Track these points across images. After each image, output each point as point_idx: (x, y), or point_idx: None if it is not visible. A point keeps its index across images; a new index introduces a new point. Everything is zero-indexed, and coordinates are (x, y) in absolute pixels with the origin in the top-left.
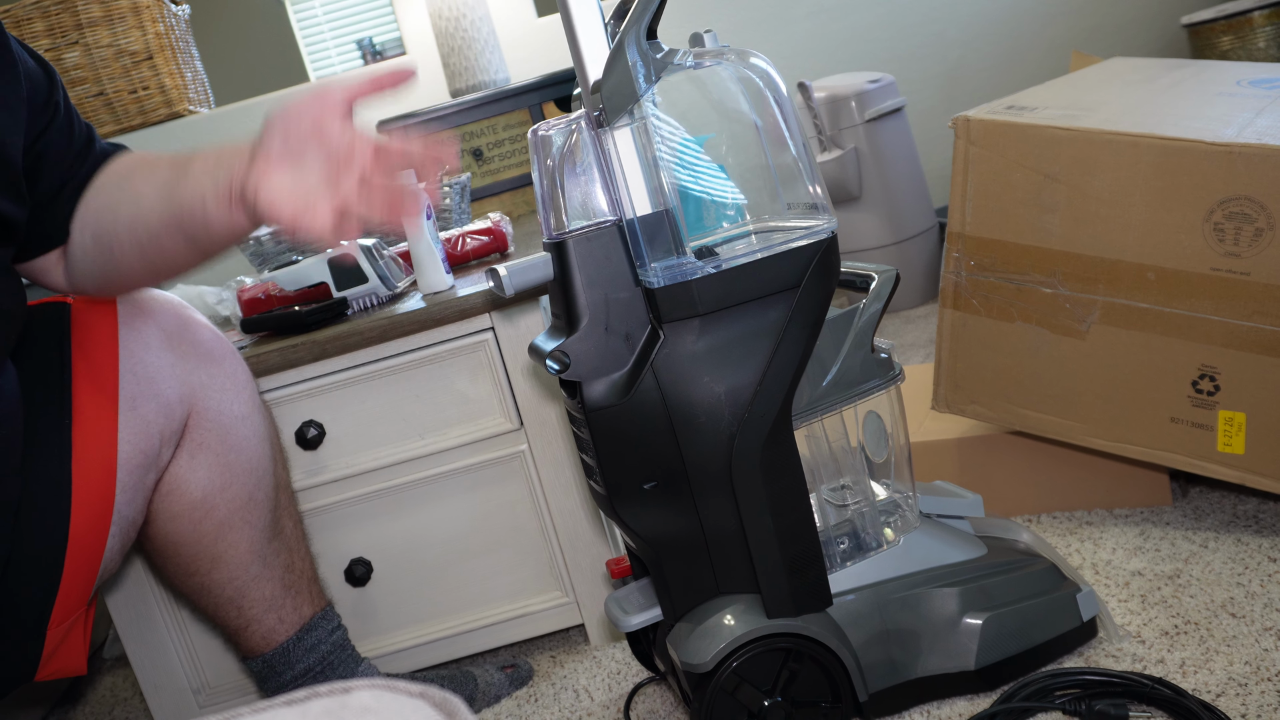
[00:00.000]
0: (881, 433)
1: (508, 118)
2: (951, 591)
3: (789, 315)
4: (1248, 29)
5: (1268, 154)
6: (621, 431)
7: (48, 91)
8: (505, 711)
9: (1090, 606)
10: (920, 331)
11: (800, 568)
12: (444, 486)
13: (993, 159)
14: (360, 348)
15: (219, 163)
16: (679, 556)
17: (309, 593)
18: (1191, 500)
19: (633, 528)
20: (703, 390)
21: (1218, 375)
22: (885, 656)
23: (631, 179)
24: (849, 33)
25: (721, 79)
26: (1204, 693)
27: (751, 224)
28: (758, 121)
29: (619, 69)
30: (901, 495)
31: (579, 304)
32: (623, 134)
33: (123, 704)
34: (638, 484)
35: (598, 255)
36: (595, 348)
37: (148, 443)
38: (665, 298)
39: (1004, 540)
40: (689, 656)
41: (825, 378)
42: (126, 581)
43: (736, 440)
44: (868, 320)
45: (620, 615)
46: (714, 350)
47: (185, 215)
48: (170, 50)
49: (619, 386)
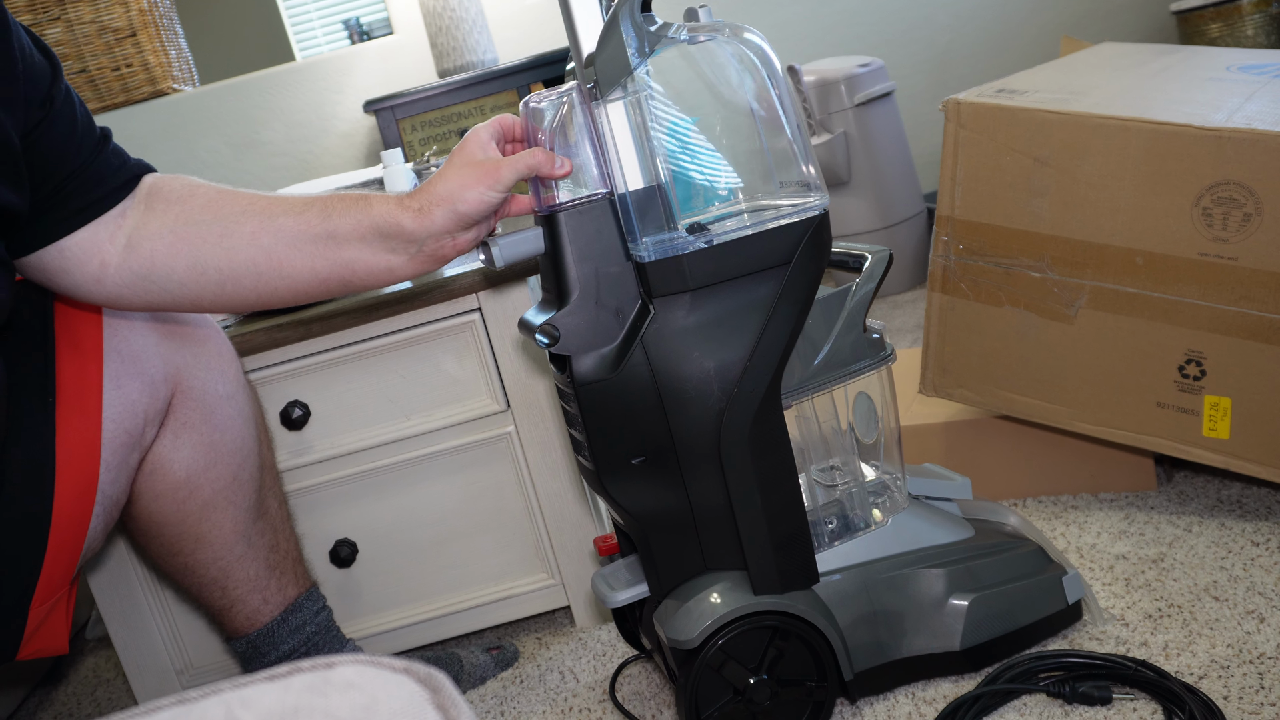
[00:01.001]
0: (872, 414)
1: (496, 99)
2: (938, 572)
3: (779, 292)
4: (1236, 16)
5: (1257, 139)
6: (610, 406)
7: (49, 83)
8: (491, 693)
9: (1076, 589)
10: (908, 316)
11: (787, 545)
12: (430, 468)
13: (983, 142)
14: (346, 327)
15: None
16: (666, 532)
17: (294, 573)
18: (1176, 485)
19: (620, 503)
20: (692, 366)
21: (1204, 360)
22: (871, 636)
23: (624, 153)
24: (839, 16)
25: (715, 54)
26: (1187, 675)
27: (744, 202)
28: (751, 98)
29: (613, 42)
30: (891, 477)
31: (570, 278)
32: (615, 108)
33: (105, 684)
34: (626, 459)
35: (589, 229)
36: (585, 322)
37: (132, 422)
38: (656, 272)
39: (991, 523)
40: (675, 633)
41: (817, 356)
42: (109, 561)
43: (725, 416)
44: (860, 300)
45: (606, 591)
46: (704, 326)
47: (369, 234)
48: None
49: (608, 361)
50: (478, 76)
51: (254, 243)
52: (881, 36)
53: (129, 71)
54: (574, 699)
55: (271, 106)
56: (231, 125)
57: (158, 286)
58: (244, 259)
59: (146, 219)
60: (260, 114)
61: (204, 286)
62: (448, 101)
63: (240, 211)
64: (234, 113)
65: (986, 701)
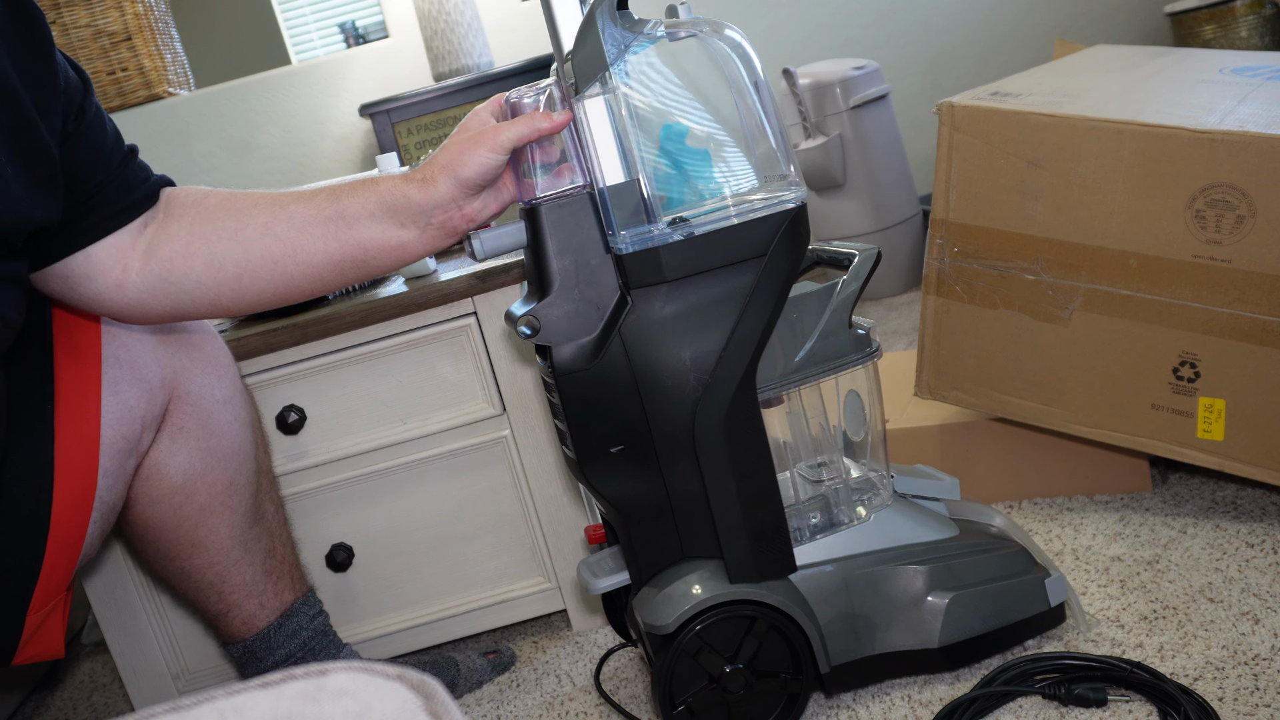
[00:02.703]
0: (861, 412)
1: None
2: (919, 569)
3: (755, 283)
4: (1230, 18)
5: (1250, 141)
6: (589, 396)
7: (82, 96)
8: (487, 697)
9: (1059, 592)
10: (903, 318)
11: (763, 534)
12: (426, 472)
13: (977, 145)
14: (342, 331)
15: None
16: (645, 520)
17: (290, 578)
18: (1171, 486)
19: (600, 491)
20: (668, 356)
21: (1198, 362)
22: (849, 630)
23: (602, 148)
24: (834, 19)
25: (695, 51)
26: (1182, 676)
27: (724, 197)
28: (731, 94)
29: (590, 39)
30: (877, 474)
31: (550, 269)
32: (595, 103)
33: (101, 689)
34: (605, 448)
35: (569, 222)
36: (566, 313)
37: (129, 427)
38: (633, 264)
39: (977, 524)
40: (651, 619)
41: (801, 350)
42: (105, 566)
43: (700, 406)
44: (847, 295)
45: (589, 579)
46: (680, 317)
47: (379, 211)
48: (149, 31)
49: (587, 351)
50: (473, 80)
51: (268, 231)
52: (877, 39)
53: (125, 75)
54: (570, 703)
55: (267, 110)
56: (227, 129)
57: (176, 288)
58: (259, 249)
59: (165, 224)
60: (256, 117)
61: (222, 283)
62: (443, 105)
63: (252, 205)
64: (230, 116)
65: (982, 704)
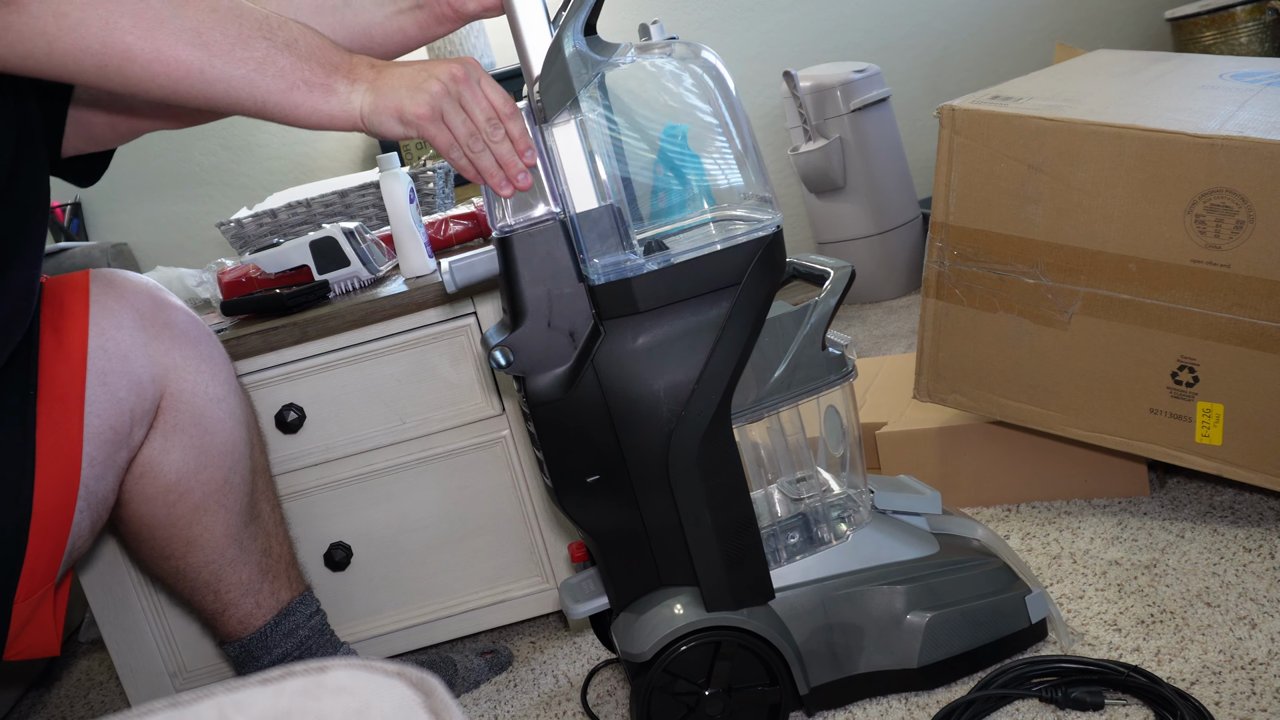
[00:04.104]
0: (840, 428)
1: None
2: (898, 589)
3: (729, 313)
4: (1230, 24)
5: (1250, 147)
6: (565, 426)
7: None
8: (484, 696)
9: (1040, 609)
10: (903, 321)
11: (739, 562)
12: (425, 471)
13: (977, 149)
14: (341, 331)
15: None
16: (621, 549)
17: (287, 577)
18: (1169, 491)
19: (577, 520)
20: (642, 387)
21: (1197, 367)
22: (828, 651)
23: (573, 175)
24: (835, 23)
25: (668, 73)
26: (1179, 680)
27: (700, 216)
28: (705, 115)
29: (556, 65)
30: (856, 490)
31: (523, 299)
32: (563, 130)
33: (98, 687)
34: (581, 477)
35: (540, 251)
36: (539, 343)
37: (118, 419)
38: (605, 295)
39: (958, 538)
40: (629, 646)
41: (773, 374)
42: (102, 564)
43: (674, 437)
44: (819, 317)
45: (570, 604)
46: (654, 347)
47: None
48: None
49: (561, 381)
50: None
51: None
52: (877, 43)
53: None
54: (567, 703)
55: None
56: (228, 128)
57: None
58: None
59: None
60: None
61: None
62: None
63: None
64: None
65: (979, 707)
